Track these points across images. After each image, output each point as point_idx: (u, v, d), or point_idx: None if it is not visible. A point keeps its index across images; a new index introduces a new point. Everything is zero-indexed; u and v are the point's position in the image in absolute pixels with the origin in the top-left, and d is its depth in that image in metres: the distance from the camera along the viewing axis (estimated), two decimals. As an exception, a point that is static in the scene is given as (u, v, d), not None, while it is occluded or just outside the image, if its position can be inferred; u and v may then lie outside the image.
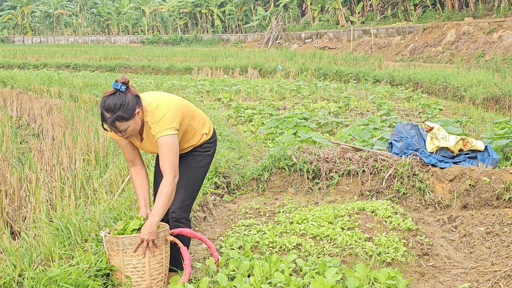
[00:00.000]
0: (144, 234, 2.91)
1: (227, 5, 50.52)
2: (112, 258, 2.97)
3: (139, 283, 2.95)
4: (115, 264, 2.95)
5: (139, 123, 3.04)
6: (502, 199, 4.94)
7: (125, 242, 2.92)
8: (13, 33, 57.16)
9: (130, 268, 2.93)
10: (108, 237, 2.97)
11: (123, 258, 2.93)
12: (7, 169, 5.22)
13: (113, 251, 2.95)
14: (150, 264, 2.95)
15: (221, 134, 7.59)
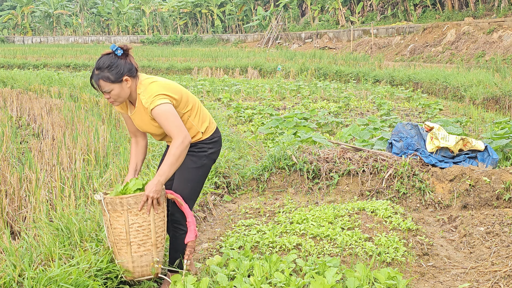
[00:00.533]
0: (149, 191, 2.89)
1: (227, 5, 50.52)
2: (114, 220, 2.92)
3: (145, 241, 2.95)
4: (117, 227, 2.91)
5: (126, 91, 3.02)
6: (502, 199, 4.94)
7: (130, 201, 2.90)
8: (13, 33, 57.17)
9: (136, 227, 2.92)
10: (110, 198, 2.91)
11: (128, 218, 2.90)
12: (7, 169, 5.22)
13: (116, 212, 2.91)
14: (155, 221, 2.95)
15: (221, 134, 7.59)
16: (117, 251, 2.98)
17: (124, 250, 2.96)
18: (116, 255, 3.00)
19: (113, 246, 3.00)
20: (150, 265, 2.99)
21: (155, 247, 2.99)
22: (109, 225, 2.96)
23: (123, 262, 2.97)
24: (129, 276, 3.01)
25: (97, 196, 2.96)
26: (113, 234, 2.95)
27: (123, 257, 2.97)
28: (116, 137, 7.22)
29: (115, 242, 2.97)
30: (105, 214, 2.95)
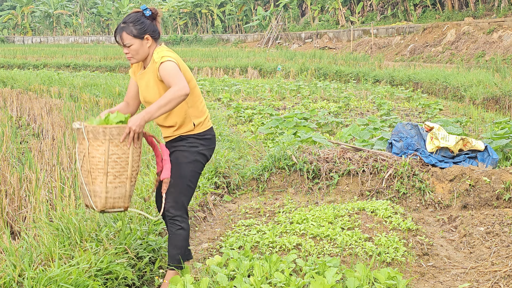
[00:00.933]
0: (133, 124, 2.90)
1: (227, 5, 50.52)
2: (94, 149, 2.92)
3: (121, 173, 2.97)
4: (95, 156, 2.92)
5: (144, 50, 3.14)
6: (502, 199, 4.94)
7: (113, 131, 2.91)
8: (13, 33, 57.16)
9: (115, 158, 2.94)
10: (92, 126, 2.92)
11: (109, 148, 2.92)
12: (7, 169, 5.22)
13: (98, 140, 2.92)
14: (133, 155, 2.98)
15: (221, 134, 7.59)
16: (91, 181, 2.97)
17: (99, 179, 2.96)
18: (89, 185, 2.98)
19: (87, 176, 2.98)
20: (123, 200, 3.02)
21: (130, 180, 3.01)
22: (87, 154, 2.95)
23: (96, 192, 2.96)
24: (100, 207, 2.98)
25: (76, 124, 2.96)
26: (91, 163, 2.95)
27: (97, 187, 2.96)
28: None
29: (90, 171, 2.96)
30: (83, 142, 2.95)
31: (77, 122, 2.98)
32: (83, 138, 2.95)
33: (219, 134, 7.53)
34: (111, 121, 2.99)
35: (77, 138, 2.98)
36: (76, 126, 2.95)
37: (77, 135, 2.98)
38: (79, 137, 2.97)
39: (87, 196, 2.99)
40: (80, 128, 2.94)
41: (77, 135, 2.98)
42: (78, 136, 2.97)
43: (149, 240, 3.64)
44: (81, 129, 2.94)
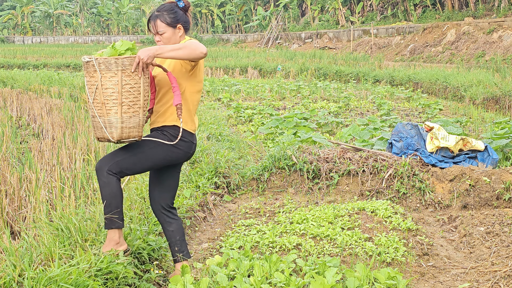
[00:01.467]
0: (143, 54, 2.93)
1: (227, 5, 50.53)
2: (107, 80, 2.96)
3: (134, 102, 3.02)
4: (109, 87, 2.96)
5: (175, 39, 3.24)
6: (502, 199, 4.94)
7: (125, 62, 2.95)
8: (13, 33, 57.16)
9: (128, 88, 2.99)
10: (104, 58, 2.94)
11: (122, 78, 2.96)
12: (7, 169, 5.22)
13: (110, 72, 2.95)
14: (143, 85, 3.03)
15: (221, 134, 7.59)
16: (106, 112, 3.00)
17: (114, 110, 3.00)
18: (103, 116, 3.01)
19: (101, 108, 3.00)
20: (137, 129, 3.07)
21: (142, 109, 3.07)
22: (100, 86, 2.97)
23: (112, 122, 3.01)
24: (117, 137, 3.03)
25: (85, 57, 2.96)
26: (104, 94, 2.98)
27: (112, 117, 3.00)
28: (116, 137, 7.21)
29: (104, 103, 2.99)
30: (95, 75, 2.96)
31: (86, 56, 2.99)
32: (94, 70, 2.96)
33: (219, 134, 7.54)
34: (118, 50, 3.01)
35: (87, 71, 2.99)
36: (86, 59, 2.96)
37: (86, 68, 2.99)
38: (89, 70, 2.98)
39: (101, 128, 3.02)
40: (90, 61, 2.95)
41: (86, 68, 2.99)
42: (88, 70, 2.98)
43: (149, 240, 3.64)
44: (92, 61, 2.95)
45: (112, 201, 3.11)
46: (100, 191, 3.14)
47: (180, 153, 3.25)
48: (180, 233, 3.40)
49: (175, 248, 3.38)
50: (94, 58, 2.94)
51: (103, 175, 3.10)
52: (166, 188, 3.39)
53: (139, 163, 3.18)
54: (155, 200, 3.39)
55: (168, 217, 3.39)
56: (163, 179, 3.39)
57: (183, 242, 3.41)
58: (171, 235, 3.39)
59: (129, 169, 3.18)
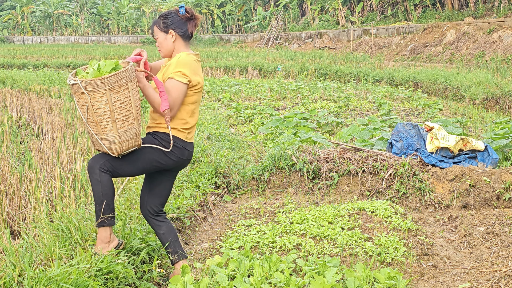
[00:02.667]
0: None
1: (227, 5, 50.53)
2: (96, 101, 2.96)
3: (128, 116, 3.05)
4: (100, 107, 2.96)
5: (168, 44, 3.32)
6: (502, 199, 4.94)
7: (111, 80, 2.95)
8: (13, 33, 57.15)
9: (119, 104, 3.00)
10: (90, 80, 2.93)
11: (111, 97, 2.96)
12: (7, 169, 5.22)
13: (98, 92, 2.95)
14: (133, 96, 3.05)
15: (221, 134, 7.59)
16: (102, 130, 3.02)
17: (109, 127, 3.02)
18: (99, 134, 3.03)
19: (96, 127, 3.02)
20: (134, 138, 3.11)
21: (137, 120, 3.09)
22: (90, 106, 2.97)
23: (109, 139, 3.03)
24: (117, 152, 3.06)
25: (71, 80, 2.95)
26: (96, 114, 2.98)
27: (109, 135, 3.03)
28: (116, 137, 7.21)
29: (98, 122, 3.00)
30: (83, 96, 2.95)
31: (70, 77, 2.98)
32: (82, 92, 2.95)
33: (219, 134, 7.54)
34: (103, 71, 3.00)
35: (75, 93, 2.98)
36: (71, 82, 2.94)
37: (74, 90, 2.97)
38: (76, 92, 2.97)
39: (100, 144, 3.07)
40: (76, 83, 2.94)
41: (73, 90, 2.98)
42: (76, 91, 2.97)
43: (149, 240, 3.64)
44: (78, 84, 2.93)
45: (104, 199, 3.12)
46: (92, 189, 3.14)
47: (170, 159, 3.25)
48: (171, 235, 3.40)
49: (169, 250, 3.40)
50: (80, 81, 2.93)
51: (95, 173, 3.11)
52: (156, 194, 3.40)
53: (129, 164, 3.19)
54: (143, 205, 3.42)
55: (157, 221, 3.41)
56: (154, 185, 3.41)
57: (176, 243, 3.41)
58: (163, 238, 3.40)
59: (120, 169, 3.18)
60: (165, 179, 3.40)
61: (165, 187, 3.41)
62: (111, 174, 3.15)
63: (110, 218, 3.15)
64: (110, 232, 3.19)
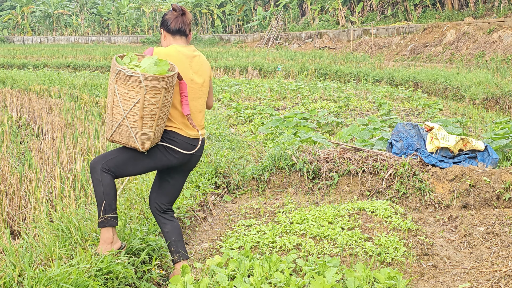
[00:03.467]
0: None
1: (227, 5, 50.53)
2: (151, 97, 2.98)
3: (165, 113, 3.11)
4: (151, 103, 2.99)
5: (162, 42, 3.41)
6: (502, 199, 4.94)
7: (169, 81, 3.02)
8: (13, 33, 57.16)
9: (165, 104, 3.07)
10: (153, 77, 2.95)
11: (163, 95, 3.01)
12: (7, 169, 5.22)
13: (156, 90, 2.98)
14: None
15: (221, 134, 7.59)
16: (141, 125, 3.03)
17: (150, 124, 3.05)
18: (136, 128, 3.04)
19: (136, 121, 3.02)
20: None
21: (167, 121, 3.21)
22: (141, 101, 2.97)
23: (146, 135, 3.06)
24: (147, 147, 3.11)
25: (129, 71, 2.93)
26: (144, 109, 2.99)
27: (147, 130, 3.05)
28: (116, 137, 7.20)
29: (142, 117, 3.01)
30: (138, 90, 2.96)
31: (122, 67, 2.95)
32: (138, 86, 2.95)
33: (219, 134, 7.54)
34: (163, 70, 3.02)
35: (125, 84, 2.96)
36: (129, 73, 2.94)
37: (127, 81, 2.96)
38: (130, 84, 2.96)
39: (130, 137, 3.06)
40: (135, 76, 2.94)
41: (126, 81, 2.96)
42: (129, 83, 2.96)
43: (149, 240, 3.64)
44: (138, 77, 2.94)
45: (105, 200, 3.11)
46: (94, 189, 3.14)
47: (171, 157, 3.24)
48: (175, 234, 3.41)
49: (172, 249, 3.41)
50: (142, 75, 2.93)
51: (97, 173, 3.10)
52: (164, 191, 3.42)
53: (131, 163, 3.19)
54: (152, 201, 3.45)
55: (163, 219, 3.43)
56: (162, 183, 3.43)
57: (179, 243, 3.42)
58: (167, 236, 3.42)
59: (122, 167, 3.17)
60: (174, 177, 3.40)
61: (173, 186, 3.42)
62: (114, 175, 3.14)
63: (111, 219, 3.14)
64: (113, 233, 3.19)
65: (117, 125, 3.07)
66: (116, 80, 2.99)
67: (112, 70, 3.03)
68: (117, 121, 3.06)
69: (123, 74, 2.95)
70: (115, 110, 3.05)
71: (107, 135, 3.13)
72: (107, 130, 3.13)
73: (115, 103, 3.03)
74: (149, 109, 3.00)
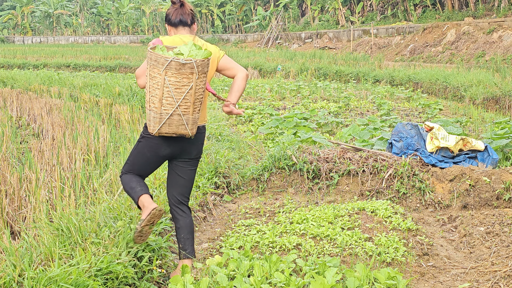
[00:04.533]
0: None
1: (227, 5, 50.53)
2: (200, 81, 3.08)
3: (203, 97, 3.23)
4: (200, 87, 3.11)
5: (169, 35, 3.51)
6: (502, 199, 4.94)
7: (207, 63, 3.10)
8: (13, 33, 57.15)
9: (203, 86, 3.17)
10: (201, 61, 3.03)
11: (204, 79, 3.13)
12: (7, 169, 5.22)
13: (203, 73, 3.09)
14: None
15: (221, 134, 7.59)
16: (192, 111, 3.14)
17: (198, 108, 3.19)
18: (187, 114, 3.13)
19: (188, 107, 3.11)
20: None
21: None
22: (194, 86, 3.07)
23: (195, 119, 3.19)
24: (195, 132, 3.24)
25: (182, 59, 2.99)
26: (196, 94, 3.11)
27: (196, 115, 3.18)
28: (116, 137, 7.22)
29: (194, 102, 3.12)
30: (190, 76, 3.03)
31: (174, 57, 2.99)
32: (191, 72, 3.02)
33: (219, 134, 7.53)
34: (209, 52, 3.12)
35: (179, 72, 3.01)
36: (183, 61, 2.99)
37: (180, 69, 3.01)
38: (183, 72, 3.01)
39: (181, 125, 3.14)
40: (188, 63, 3.00)
41: (179, 69, 3.01)
42: (182, 71, 3.01)
43: (149, 240, 3.64)
44: (191, 63, 3.01)
45: (130, 190, 3.38)
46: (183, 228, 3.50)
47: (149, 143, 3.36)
48: (185, 231, 3.49)
49: (179, 245, 3.50)
50: (194, 61, 3.00)
51: (121, 179, 3.47)
52: (174, 183, 3.52)
53: (134, 158, 3.43)
54: (168, 195, 3.59)
55: (177, 213, 3.52)
56: (170, 175, 3.55)
57: (188, 241, 3.49)
58: (177, 232, 3.52)
59: (132, 165, 3.44)
60: (179, 168, 3.50)
61: (179, 177, 3.50)
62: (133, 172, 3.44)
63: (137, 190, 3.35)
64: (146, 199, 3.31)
65: (167, 116, 3.09)
66: (166, 72, 3.00)
67: (156, 64, 3.02)
68: (167, 113, 3.08)
69: (175, 63, 2.98)
70: (165, 102, 3.06)
71: (153, 129, 3.15)
72: (153, 124, 3.13)
73: (165, 94, 3.05)
74: (199, 93, 3.13)
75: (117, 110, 9.54)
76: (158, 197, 4.45)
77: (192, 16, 3.48)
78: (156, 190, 4.59)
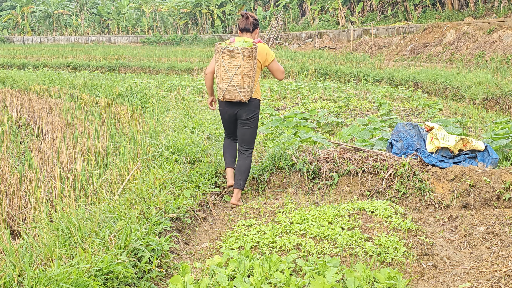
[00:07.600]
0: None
1: (227, 5, 50.53)
2: (247, 62, 4.73)
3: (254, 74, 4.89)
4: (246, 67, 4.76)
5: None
6: (502, 199, 4.94)
7: (254, 51, 4.79)
8: (13, 33, 57.16)
9: (254, 67, 4.83)
10: (245, 48, 4.69)
11: (253, 61, 4.79)
12: (7, 169, 5.22)
13: (249, 57, 4.73)
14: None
15: (221, 134, 7.59)
16: (243, 83, 4.76)
17: (248, 81, 4.79)
18: (239, 85, 4.77)
19: (239, 80, 4.74)
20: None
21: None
22: (241, 65, 4.69)
23: (246, 89, 4.82)
24: (248, 98, 4.87)
25: (229, 47, 4.68)
26: (243, 72, 4.71)
27: (247, 86, 4.80)
28: (116, 137, 7.22)
29: (243, 77, 4.73)
30: (238, 59, 4.69)
31: (226, 46, 4.69)
32: (238, 56, 4.68)
33: (219, 134, 7.53)
34: (250, 44, 4.75)
35: (229, 56, 4.69)
36: (230, 48, 4.67)
37: (230, 54, 4.68)
38: (232, 56, 4.67)
39: (236, 93, 4.80)
40: (234, 49, 4.67)
41: (228, 54, 4.69)
42: (231, 55, 4.68)
43: (149, 240, 3.64)
44: (237, 50, 4.67)
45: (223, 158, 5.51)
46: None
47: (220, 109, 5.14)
48: (242, 168, 5.13)
49: (237, 176, 5.13)
50: (240, 49, 4.66)
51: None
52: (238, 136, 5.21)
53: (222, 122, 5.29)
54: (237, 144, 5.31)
55: (240, 153, 5.21)
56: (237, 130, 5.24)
57: (243, 175, 5.12)
58: (237, 166, 5.18)
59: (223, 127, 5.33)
60: (239, 126, 5.15)
61: (240, 132, 5.15)
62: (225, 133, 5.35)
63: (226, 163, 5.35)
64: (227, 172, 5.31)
65: (226, 87, 4.79)
66: (222, 56, 4.71)
67: (217, 51, 4.74)
68: (226, 84, 4.78)
69: (227, 50, 4.69)
70: (224, 76, 4.75)
71: (219, 96, 4.89)
72: (219, 93, 4.86)
73: (223, 71, 4.75)
74: (246, 71, 4.73)
75: (117, 110, 9.55)
76: (158, 197, 4.45)
77: (254, 24, 5.01)
78: (156, 190, 4.59)
